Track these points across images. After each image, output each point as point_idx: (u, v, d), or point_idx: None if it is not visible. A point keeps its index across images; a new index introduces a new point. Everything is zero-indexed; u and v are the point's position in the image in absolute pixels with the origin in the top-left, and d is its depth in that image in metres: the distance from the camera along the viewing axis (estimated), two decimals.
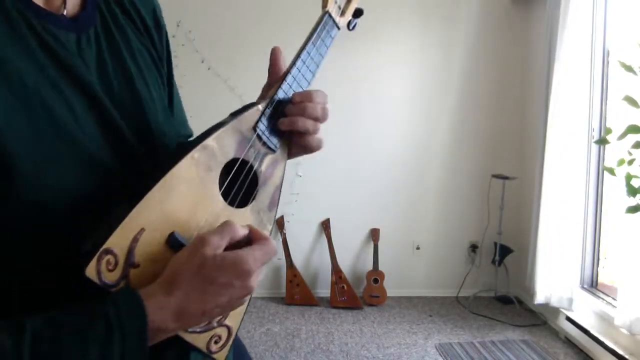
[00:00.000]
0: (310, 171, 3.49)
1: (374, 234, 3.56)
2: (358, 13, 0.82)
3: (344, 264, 3.52)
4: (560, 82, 2.88)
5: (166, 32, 0.76)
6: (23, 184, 0.50)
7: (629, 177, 2.04)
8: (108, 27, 0.65)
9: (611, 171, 2.14)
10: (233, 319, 0.62)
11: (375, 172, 3.57)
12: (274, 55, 0.72)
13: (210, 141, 0.59)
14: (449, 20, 3.52)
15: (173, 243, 0.55)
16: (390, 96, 3.55)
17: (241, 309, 0.63)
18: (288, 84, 0.68)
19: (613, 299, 2.68)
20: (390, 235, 3.59)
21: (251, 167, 0.65)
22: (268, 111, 0.66)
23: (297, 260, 3.50)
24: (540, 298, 2.96)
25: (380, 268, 3.50)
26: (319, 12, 0.77)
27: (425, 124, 3.58)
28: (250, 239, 0.58)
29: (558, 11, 2.87)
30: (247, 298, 0.56)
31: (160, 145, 0.66)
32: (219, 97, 3.37)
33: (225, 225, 0.56)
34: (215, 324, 0.59)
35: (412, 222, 3.64)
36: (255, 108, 0.65)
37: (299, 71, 0.70)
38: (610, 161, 2.70)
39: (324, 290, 3.54)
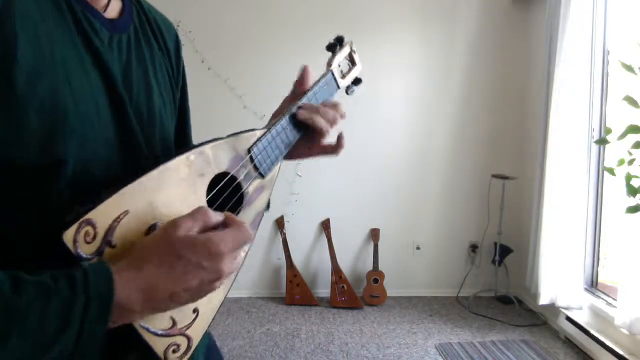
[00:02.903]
0: (310, 171, 3.49)
1: (374, 234, 3.56)
2: (357, 81, 0.93)
3: (344, 264, 3.52)
4: (560, 82, 2.88)
5: (183, 62, 0.79)
6: (29, 147, 0.51)
7: (629, 177, 2.04)
8: (139, 38, 0.68)
9: (611, 171, 2.14)
10: (194, 332, 0.59)
11: (375, 172, 3.57)
12: (306, 71, 0.80)
13: (207, 148, 0.61)
14: (449, 20, 3.52)
15: None
16: (390, 96, 3.55)
17: (204, 324, 0.61)
18: (286, 120, 0.73)
19: (613, 299, 2.68)
20: (390, 235, 3.59)
21: (239, 185, 0.66)
22: (264, 138, 0.70)
23: (297, 260, 3.50)
24: (544, 299, 2.96)
25: (380, 268, 3.51)
26: (319, 13, 0.79)
27: (425, 124, 3.58)
28: (226, 225, 0.57)
29: (558, 11, 2.87)
30: (218, 284, 0.54)
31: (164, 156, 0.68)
32: (219, 97, 3.37)
33: (199, 209, 0.55)
34: (177, 331, 0.57)
35: (412, 222, 3.64)
36: (253, 132, 0.68)
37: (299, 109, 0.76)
38: (610, 161, 2.70)
39: (324, 290, 3.54)
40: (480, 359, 2.72)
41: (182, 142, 0.79)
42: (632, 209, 2.04)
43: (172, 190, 0.56)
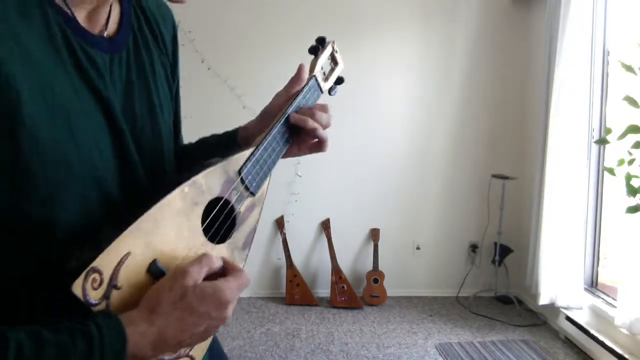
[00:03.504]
0: (310, 171, 3.49)
1: (374, 234, 3.56)
2: (339, 81, 0.93)
3: (344, 264, 3.52)
4: (560, 82, 2.88)
5: (178, 46, 0.80)
6: (33, 203, 0.52)
7: (629, 177, 2.04)
8: (138, 47, 0.68)
9: (611, 171, 2.14)
10: (198, 351, 0.64)
11: (375, 172, 3.57)
12: (302, 70, 0.81)
13: (200, 178, 0.63)
14: (449, 20, 3.52)
15: (154, 271, 0.57)
16: (390, 96, 3.54)
17: (207, 343, 0.65)
18: (273, 135, 0.75)
19: (613, 299, 2.68)
20: (390, 235, 3.59)
21: (232, 207, 0.69)
22: (253, 158, 0.72)
23: (297, 260, 3.50)
24: (544, 299, 2.96)
25: (380, 268, 3.50)
26: (319, 13, 0.79)
27: (425, 124, 3.58)
28: (225, 270, 0.60)
29: (558, 11, 2.87)
30: (221, 329, 0.59)
31: (163, 174, 0.70)
32: (219, 97, 3.37)
33: (204, 257, 0.59)
34: (182, 353, 0.61)
35: (412, 222, 3.64)
36: (242, 153, 0.71)
37: (284, 126, 0.77)
38: (610, 161, 2.70)
39: (324, 290, 3.54)
40: (480, 359, 2.72)
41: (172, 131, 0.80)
42: (632, 209, 2.04)
43: (168, 225, 0.59)
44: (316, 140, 0.81)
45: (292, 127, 0.78)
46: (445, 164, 3.61)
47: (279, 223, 3.49)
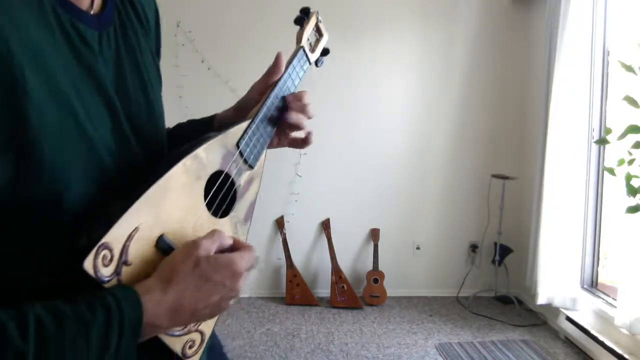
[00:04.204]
0: (310, 171, 3.49)
1: (374, 234, 3.56)
2: (325, 52, 0.94)
3: (344, 264, 3.52)
4: (560, 82, 2.88)
5: (160, 26, 0.79)
6: (35, 177, 0.51)
7: (629, 177, 2.04)
8: (124, 25, 0.68)
9: (611, 171, 2.14)
10: (206, 326, 0.65)
11: (375, 172, 3.57)
12: (279, 59, 0.80)
13: (200, 151, 0.63)
14: (449, 20, 3.52)
15: (162, 245, 0.57)
16: (390, 96, 3.55)
17: (214, 320, 0.67)
18: (267, 107, 0.76)
19: (613, 299, 2.68)
20: (390, 235, 3.59)
21: (233, 181, 0.69)
22: (250, 130, 0.72)
23: (297, 260, 3.50)
24: (542, 299, 2.96)
25: (380, 268, 3.51)
26: (319, 13, 0.80)
27: (425, 124, 3.58)
28: (235, 248, 0.62)
29: (558, 11, 2.87)
30: (233, 301, 0.60)
31: (160, 152, 0.70)
32: (219, 97, 3.37)
33: (216, 232, 0.60)
34: (192, 328, 0.62)
35: (412, 222, 3.64)
36: (239, 125, 0.71)
37: (277, 97, 0.78)
38: (610, 161, 2.70)
39: (324, 290, 3.54)
40: (480, 359, 2.72)
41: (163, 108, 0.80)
42: (632, 209, 2.04)
43: (173, 199, 0.59)
44: (300, 137, 0.81)
45: (283, 107, 0.78)
46: (445, 164, 3.61)
47: (279, 223, 3.49)
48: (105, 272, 0.51)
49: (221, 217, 0.67)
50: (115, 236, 0.52)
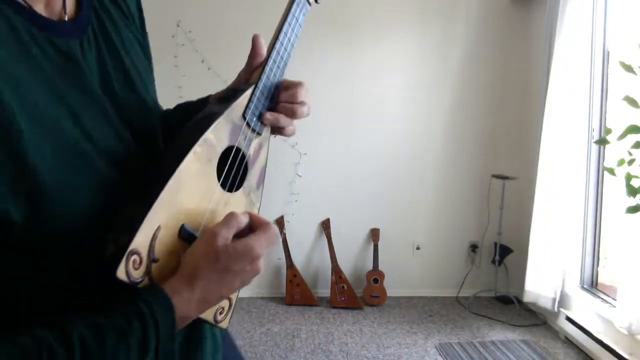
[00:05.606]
0: (310, 171, 3.49)
1: (374, 234, 3.56)
2: None
3: (344, 264, 3.52)
4: (560, 82, 2.88)
5: (144, 14, 0.77)
6: (48, 208, 0.52)
7: (629, 177, 2.04)
8: (102, 22, 0.66)
9: (611, 171, 2.14)
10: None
11: (375, 172, 3.57)
12: (257, 42, 0.75)
13: (209, 134, 0.63)
14: (449, 20, 3.52)
15: (184, 234, 0.59)
16: (389, 96, 3.55)
17: None
18: (270, 67, 0.73)
19: (613, 299, 2.68)
20: (390, 235, 3.59)
21: (243, 153, 0.69)
22: (254, 97, 0.71)
23: (297, 260, 3.50)
24: (544, 299, 2.96)
25: (380, 268, 3.50)
26: (319, 13, 0.78)
27: (425, 123, 3.58)
28: (252, 225, 0.62)
29: (558, 11, 2.87)
30: (254, 279, 0.63)
31: (157, 146, 0.70)
32: None
33: (231, 216, 0.60)
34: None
35: (412, 222, 3.64)
36: (243, 95, 0.69)
37: (279, 54, 0.74)
38: (610, 161, 2.70)
39: (324, 290, 3.54)
40: (480, 359, 2.72)
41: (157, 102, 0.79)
42: (632, 209, 2.04)
43: (188, 190, 0.60)
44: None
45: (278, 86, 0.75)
46: (445, 163, 3.61)
47: (279, 223, 3.49)
48: (137, 274, 0.54)
49: (236, 190, 0.68)
50: (141, 240, 0.54)
